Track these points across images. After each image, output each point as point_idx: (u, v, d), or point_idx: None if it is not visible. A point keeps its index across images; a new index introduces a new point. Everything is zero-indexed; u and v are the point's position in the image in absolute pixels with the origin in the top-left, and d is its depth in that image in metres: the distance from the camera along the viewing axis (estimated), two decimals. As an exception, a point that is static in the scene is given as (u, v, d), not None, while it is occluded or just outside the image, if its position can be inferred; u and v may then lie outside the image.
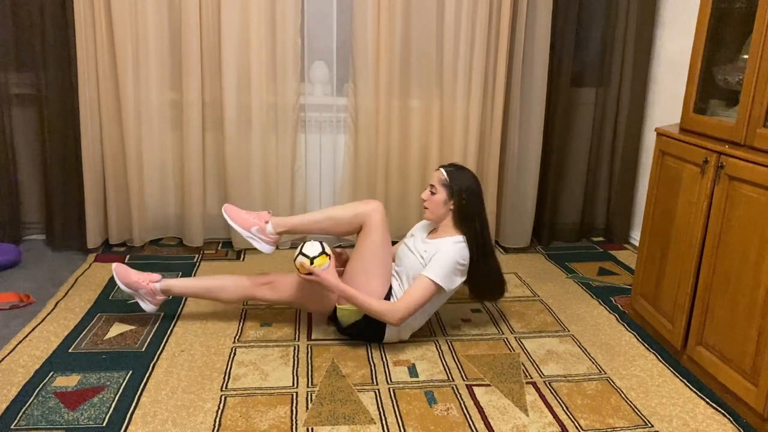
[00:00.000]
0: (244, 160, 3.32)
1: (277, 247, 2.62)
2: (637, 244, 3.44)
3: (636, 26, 3.46)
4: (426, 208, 2.48)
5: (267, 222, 2.48)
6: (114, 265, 2.54)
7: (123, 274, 2.51)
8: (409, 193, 3.49)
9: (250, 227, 2.49)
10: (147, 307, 2.53)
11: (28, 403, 2.01)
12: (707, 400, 2.19)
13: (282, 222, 2.51)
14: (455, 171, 2.45)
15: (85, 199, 3.19)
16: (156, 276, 2.53)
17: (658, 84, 3.54)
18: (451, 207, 2.43)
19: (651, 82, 3.58)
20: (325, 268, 2.30)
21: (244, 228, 2.49)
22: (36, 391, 2.08)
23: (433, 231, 2.54)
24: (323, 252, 2.32)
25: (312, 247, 2.32)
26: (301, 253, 2.32)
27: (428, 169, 3.44)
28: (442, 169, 2.46)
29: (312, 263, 2.29)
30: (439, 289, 2.35)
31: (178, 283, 2.54)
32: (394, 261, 2.58)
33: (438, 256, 2.36)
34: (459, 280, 2.41)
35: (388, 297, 2.41)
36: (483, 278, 2.49)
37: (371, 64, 3.25)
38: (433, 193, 2.45)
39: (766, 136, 2.04)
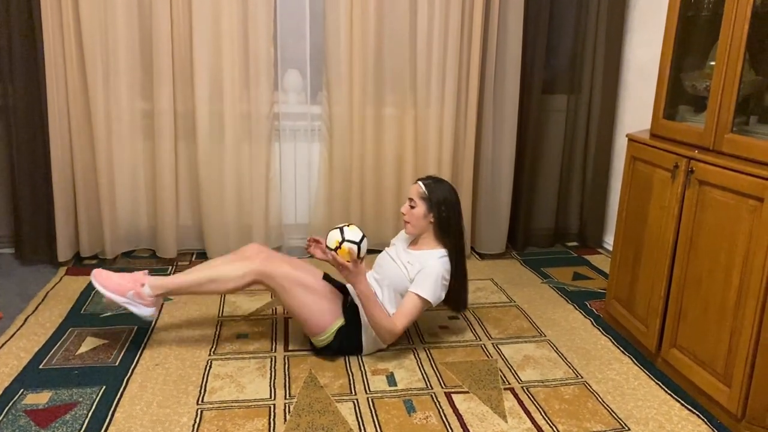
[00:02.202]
0: (217, 170, 3.29)
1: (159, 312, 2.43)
2: (610, 248, 3.48)
3: (606, 34, 3.52)
4: (407, 222, 2.48)
5: (143, 285, 2.32)
6: (93, 273, 2.37)
7: (106, 280, 2.35)
8: (385, 200, 3.50)
9: (125, 292, 2.32)
10: (141, 311, 2.34)
11: (-3, 422, 1.96)
12: (682, 401, 2.22)
13: (160, 283, 2.34)
14: (433, 183, 2.46)
15: (55, 211, 3.13)
16: (142, 278, 2.37)
17: (628, 90, 3.59)
18: (431, 220, 2.44)
19: (621, 88, 3.64)
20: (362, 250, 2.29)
21: (120, 294, 2.31)
22: (5, 410, 2.02)
23: (413, 242, 2.54)
24: (360, 241, 2.27)
25: (354, 233, 2.27)
26: (341, 232, 2.25)
27: (403, 176, 3.45)
28: (420, 183, 2.47)
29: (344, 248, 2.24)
30: (427, 304, 2.38)
31: (167, 282, 2.38)
32: (372, 269, 2.58)
33: (425, 273, 2.37)
34: (443, 294, 2.43)
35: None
36: (458, 287, 2.51)
37: (345, 72, 3.25)
38: (412, 207, 2.45)
39: (734, 141, 2.08)
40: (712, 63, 2.21)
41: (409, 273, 2.40)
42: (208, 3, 3.08)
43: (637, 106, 3.50)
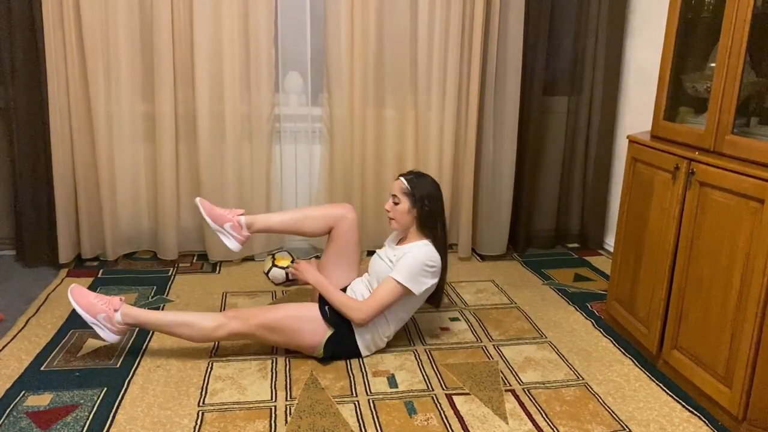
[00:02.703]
0: (218, 172, 3.29)
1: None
2: (611, 250, 3.48)
3: (606, 36, 3.52)
4: (391, 218, 2.48)
5: (116, 310, 2.32)
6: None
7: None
8: (385, 201, 3.46)
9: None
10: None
11: (-2, 424, 1.96)
12: (683, 403, 2.22)
13: (133, 314, 2.34)
14: (415, 178, 2.46)
15: (57, 214, 3.14)
16: (239, 211, 2.56)
17: (629, 92, 3.60)
18: (415, 214, 2.44)
19: (622, 90, 3.64)
20: (300, 262, 2.45)
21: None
22: (7, 412, 2.02)
23: (401, 240, 2.54)
24: (292, 260, 2.58)
25: (283, 258, 2.57)
26: (274, 265, 2.53)
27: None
28: (402, 178, 2.47)
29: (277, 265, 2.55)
30: (406, 291, 2.35)
31: (262, 220, 2.58)
32: (367, 272, 2.58)
33: (404, 258, 2.37)
34: (429, 281, 2.40)
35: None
36: (439, 282, 2.49)
37: (345, 74, 3.26)
38: (396, 203, 2.45)
39: (735, 143, 2.08)
40: (713, 64, 2.21)
41: (393, 264, 2.41)
42: (209, 5, 3.09)
43: (638, 108, 3.50)
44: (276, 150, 3.40)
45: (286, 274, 2.77)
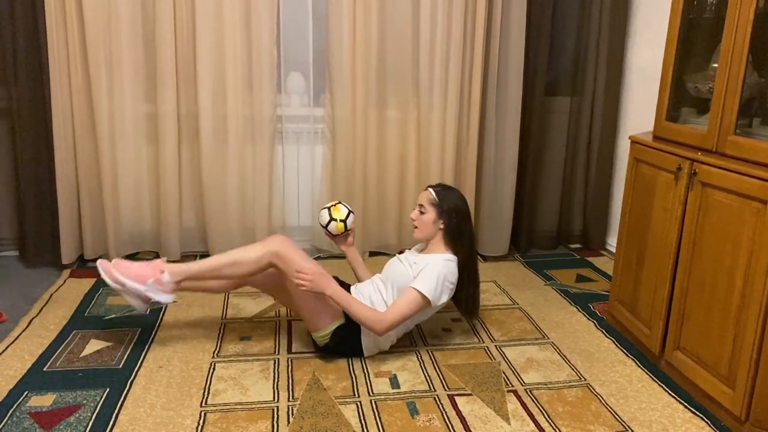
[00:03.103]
0: (220, 173, 3.30)
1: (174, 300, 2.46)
2: (613, 250, 3.47)
3: (608, 36, 3.52)
4: (416, 227, 2.49)
5: (162, 272, 2.33)
6: (113, 263, 2.36)
7: (126, 270, 2.33)
8: (388, 202, 3.50)
9: (145, 280, 2.31)
10: (162, 297, 2.35)
11: (1, 425, 1.96)
12: (686, 404, 2.21)
13: (179, 270, 2.35)
14: (443, 191, 2.48)
15: (59, 214, 3.14)
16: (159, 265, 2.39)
17: (631, 92, 3.59)
18: (441, 226, 2.46)
19: (624, 90, 3.64)
20: (315, 274, 2.28)
21: (140, 282, 2.31)
22: (10, 412, 2.03)
23: (424, 249, 2.55)
24: (348, 215, 2.64)
25: (341, 212, 2.63)
26: (332, 218, 2.61)
27: (406, 178, 3.46)
28: (430, 189, 2.49)
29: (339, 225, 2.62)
30: (426, 303, 2.35)
31: (184, 267, 2.40)
32: (378, 273, 2.59)
33: (428, 269, 2.37)
34: (446, 297, 2.42)
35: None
36: (470, 294, 2.52)
37: (348, 75, 3.26)
38: (422, 213, 2.47)
39: (737, 143, 2.08)
40: (715, 65, 2.21)
41: (413, 271, 2.41)
42: (211, 6, 3.09)
43: (640, 108, 3.50)
44: (278, 150, 3.40)
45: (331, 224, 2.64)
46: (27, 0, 2.94)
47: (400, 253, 2.66)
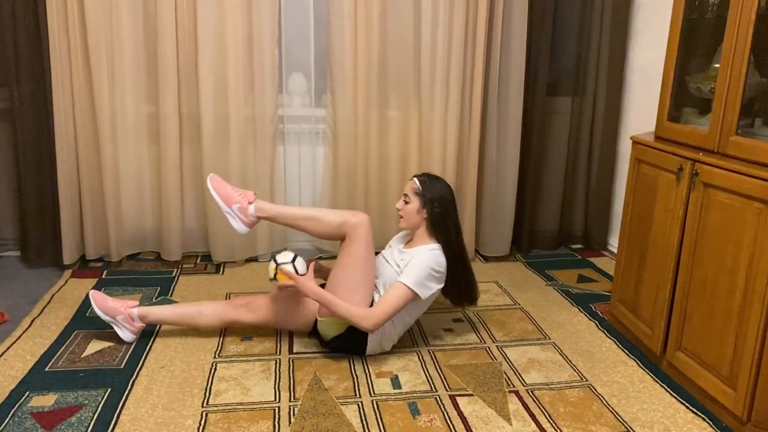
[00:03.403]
0: (222, 173, 3.28)
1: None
2: (615, 250, 3.47)
3: (609, 37, 3.52)
4: (401, 217, 2.50)
5: (251, 203, 2.46)
6: (91, 292, 2.52)
7: (100, 300, 2.48)
8: (389, 203, 3.50)
9: (232, 204, 2.47)
10: (125, 335, 2.49)
11: (3, 425, 1.96)
12: (687, 404, 2.21)
13: (266, 207, 2.48)
14: (428, 180, 2.48)
15: (61, 215, 3.15)
16: (133, 302, 2.52)
17: (632, 93, 3.59)
18: (425, 216, 2.45)
19: (625, 90, 3.64)
20: (303, 273, 2.36)
21: (227, 203, 2.47)
22: (11, 412, 2.03)
23: (409, 241, 2.55)
24: (293, 261, 2.39)
25: (284, 256, 2.39)
26: (274, 261, 2.39)
27: (407, 179, 3.44)
28: (415, 179, 2.50)
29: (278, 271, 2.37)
30: (414, 296, 2.35)
31: (155, 310, 2.53)
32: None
33: (412, 263, 2.38)
34: (435, 287, 2.42)
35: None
36: (460, 283, 2.52)
37: (349, 75, 3.26)
38: (406, 203, 2.47)
39: (739, 144, 2.08)
40: (717, 65, 2.20)
41: (401, 270, 2.41)
42: (213, 7, 3.09)
43: (642, 109, 3.49)
44: (280, 151, 3.41)
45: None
46: (29, 1, 2.94)
47: (386, 247, 2.65)
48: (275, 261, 2.38)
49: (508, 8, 3.33)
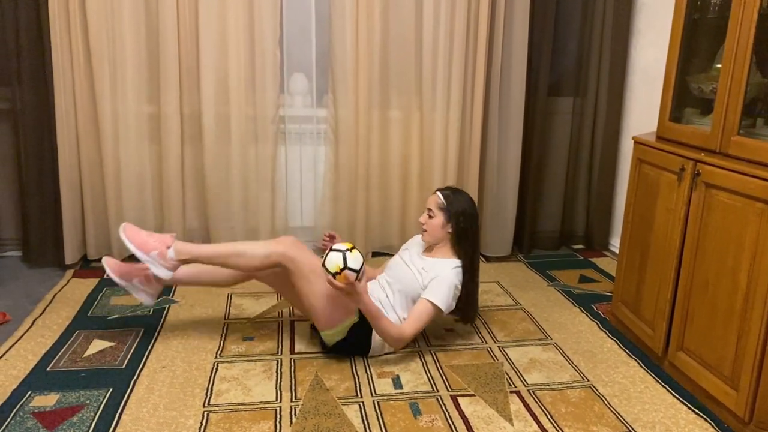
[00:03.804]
0: (223, 173, 3.30)
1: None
2: (616, 251, 3.47)
3: (611, 37, 3.51)
4: (425, 230, 2.50)
5: (169, 247, 2.33)
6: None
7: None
8: (391, 203, 3.50)
9: (149, 251, 2.33)
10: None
11: (4, 425, 1.97)
12: (689, 405, 2.21)
13: (186, 249, 2.35)
14: (452, 194, 2.49)
15: (63, 214, 3.15)
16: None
17: (634, 93, 3.59)
18: (449, 230, 2.46)
19: (627, 90, 3.64)
20: (361, 276, 2.25)
21: (144, 251, 2.33)
22: (13, 412, 2.03)
23: (428, 249, 2.55)
24: (362, 267, 2.22)
25: (356, 262, 2.20)
26: (344, 259, 2.18)
27: (409, 179, 3.46)
28: (438, 193, 2.50)
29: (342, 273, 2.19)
30: (439, 312, 2.40)
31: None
32: (384, 272, 2.60)
33: (439, 281, 2.39)
34: (454, 303, 2.45)
35: None
36: (468, 299, 2.52)
37: (350, 76, 3.26)
38: (431, 217, 2.48)
39: (741, 144, 2.08)
40: (719, 65, 2.20)
41: (423, 280, 2.42)
42: (215, 7, 3.10)
43: (643, 109, 3.49)
44: (281, 151, 3.41)
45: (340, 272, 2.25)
46: (31, 1, 2.95)
47: (402, 249, 2.65)
48: (345, 261, 2.18)
49: (509, 8, 3.33)
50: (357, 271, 2.20)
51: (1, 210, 3.29)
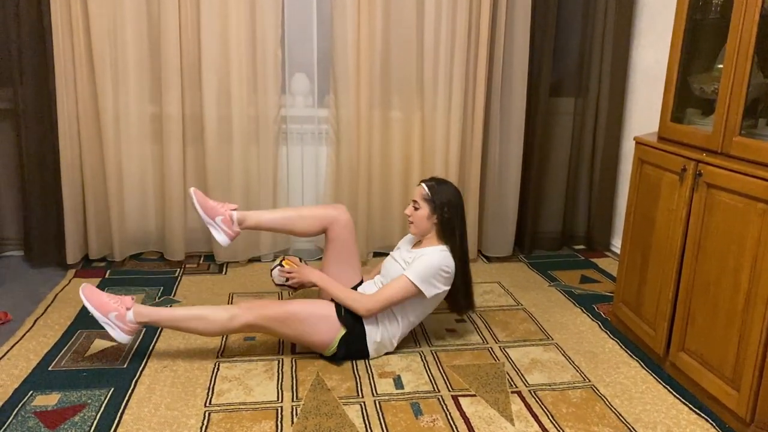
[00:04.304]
0: (225, 173, 3.30)
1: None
2: (618, 251, 3.47)
3: (613, 37, 3.51)
4: (411, 222, 2.49)
5: (129, 309, 2.30)
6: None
7: (201, 198, 2.53)
8: (392, 203, 3.50)
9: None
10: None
11: (6, 424, 1.97)
12: (690, 405, 2.21)
13: (145, 312, 2.33)
14: (436, 185, 2.47)
15: (65, 215, 3.15)
16: (232, 205, 2.57)
17: (635, 93, 3.59)
18: (435, 221, 2.45)
19: (628, 91, 3.63)
20: (302, 265, 2.50)
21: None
22: (15, 411, 2.04)
23: (417, 243, 2.55)
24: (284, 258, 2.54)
25: (291, 262, 2.53)
26: (280, 264, 2.51)
27: (410, 179, 3.46)
28: (423, 184, 2.48)
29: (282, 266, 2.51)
30: (416, 291, 2.35)
31: (253, 215, 2.59)
32: (380, 273, 2.59)
33: (420, 259, 2.38)
34: (442, 287, 2.41)
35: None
36: (461, 288, 2.52)
37: (352, 76, 3.26)
38: (416, 209, 2.47)
39: (742, 144, 2.07)
40: (720, 66, 2.20)
41: (408, 265, 2.42)
42: (216, 7, 3.10)
43: (645, 109, 3.49)
44: (282, 151, 3.41)
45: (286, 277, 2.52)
46: (33, 1, 2.95)
47: (395, 249, 2.66)
48: (280, 259, 2.54)
49: (511, 9, 3.33)
50: (280, 262, 2.52)
51: (3, 210, 3.29)
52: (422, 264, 2.36)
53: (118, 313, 2.28)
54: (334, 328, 2.36)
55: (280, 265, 2.50)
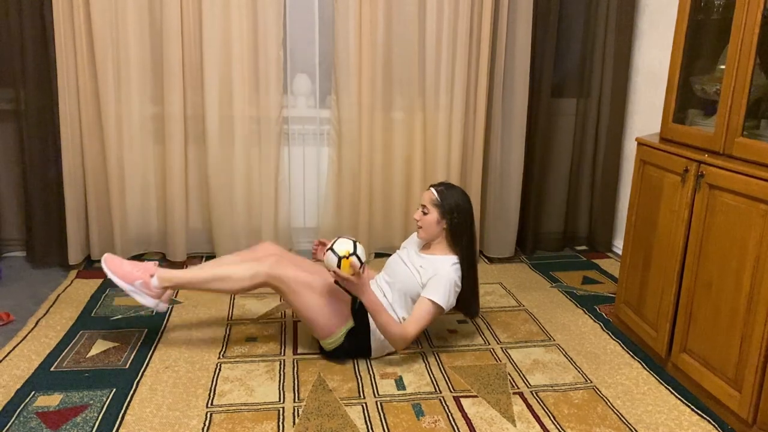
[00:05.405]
0: (227, 174, 3.30)
1: (167, 304, 2.45)
2: (619, 252, 3.47)
3: (615, 38, 3.51)
4: (420, 227, 2.49)
5: (152, 275, 2.34)
6: (104, 257, 2.37)
7: (116, 267, 2.36)
8: (393, 204, 3.50)
9: (132, 281, 2.34)
10: (146, 300, 2.34)
11: (8, 425, 1.97)
12: (692, 407, 2.21)
13: (169, 276, 2.34)
14: (445, 190, 2.47)
15: (66, 215, 3.16)
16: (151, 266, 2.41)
17: (637, 94, 3.58)
18: (444, 226, 2.45)
19: (630, 92, 3.63)
20: (364, 261, 2.28)
21: (128, 282, 2.33)
22: (17, 412, 2.04)
23: (426, 246, 2.55)
24: (355, 250, 2.23)
25: (344, 244, 2.23)
26: (333, 252, 2.22)
27: (412, 180, 3.46)
28: (432, 189, 2.48)
29: (341, 263, 2.22)
30: (441, 311, 2.38)
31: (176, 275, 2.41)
32: (383, 271, 2.59)
33: (438, 279, 2.38)
34: (455, 300, 2.44)
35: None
36: (468, 293, 2.52)
37: (353, 77, 3.26)
38: (425, 213, 2.46)
39: (745, 145, 2.07)
40: (722, 66, 2.20)
41: (422, 277, 2.41)
42: (218, 7, 3.10)
43: (647, 110, 3.49)
44: (284, 152, 3.41)
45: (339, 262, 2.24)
46: (35, 2, 2.96)
47: (400, 249, 2.65)
48: (335, 253, 2.22)
49: (512, 10, 3.33)
50: (362, 262, 2.26)
51: (5, 210, 3.29)
52: (442, 284, 2.37)
53: (143, 281, 2.32)
54: (343, 318, 2.36)
55: (344, 257, 2.21)
